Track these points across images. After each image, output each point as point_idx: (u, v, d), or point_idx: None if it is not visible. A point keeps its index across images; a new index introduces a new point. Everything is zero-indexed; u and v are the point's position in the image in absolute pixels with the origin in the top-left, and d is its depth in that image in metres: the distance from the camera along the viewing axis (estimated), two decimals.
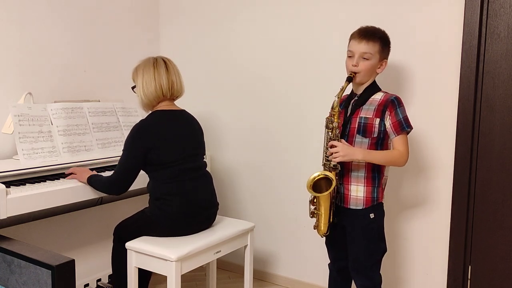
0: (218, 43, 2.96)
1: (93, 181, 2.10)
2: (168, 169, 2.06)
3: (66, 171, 2.16)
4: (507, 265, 2.18)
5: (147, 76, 2.11)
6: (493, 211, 2.19)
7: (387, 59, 1.94)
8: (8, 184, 1.91)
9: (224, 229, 2.19)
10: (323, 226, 1.94)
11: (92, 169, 2.25)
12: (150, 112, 2.17)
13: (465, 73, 2.16)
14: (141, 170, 2.10)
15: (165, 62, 2.15)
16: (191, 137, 2.19)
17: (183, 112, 2.23)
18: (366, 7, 2.39)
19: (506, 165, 2.14)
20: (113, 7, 2.87)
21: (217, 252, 2.13)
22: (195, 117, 2.29)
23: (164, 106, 2.15)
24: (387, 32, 1.93)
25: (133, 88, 2.20)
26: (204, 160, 2.26)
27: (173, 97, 2.18)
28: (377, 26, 1.94)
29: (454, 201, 2.25)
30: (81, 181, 2.11)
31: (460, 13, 2.16)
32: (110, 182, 2.08)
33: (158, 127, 2.08)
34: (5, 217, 1.81)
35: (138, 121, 2.11)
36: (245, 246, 2.31)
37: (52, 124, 2.26)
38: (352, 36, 1.92)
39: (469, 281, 2.28)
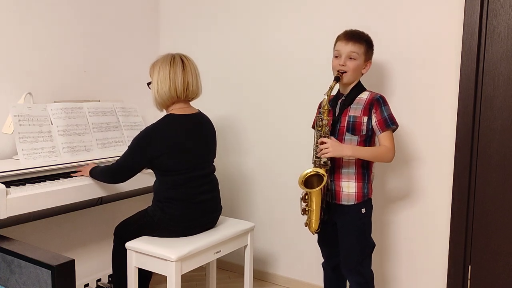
0: (219, 44, 2.96)
1: (93, 173, 2.14)
2: (175, 176, 2.04)
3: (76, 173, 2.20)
4: (507, 265, 2.18)
5: (162, 74, 2.03)
6: (493, 211, 2.19)
7: (371, 60, 2.02)
8: (8, 184, 1.90)
9: (224, 229, 2.19)
10: (315, 223, 1.98)
11: None
12: (164, 114, 2.09)
13: (465, 73, 2.16)
14: (149, 169, 2.11)
15: (182, 61, 2.05)
16: (203, 144, 2.13)
17: (198, 116, 2.14)
18: (366, 6, 2.39)
19: (506, 165, 2.14)
20: (113, 7, 2.87)
21: (217, 252, 2.13)
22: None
23: (178, 109, 2.08)
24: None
25: (148, 84, 2.14)
26: (214, 164, 2.23)
27: (188, 98, 2.09)
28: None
29: (454, 201, 2.24)
30: (86, 176, 2.15)
31: (460, 13, 2.16)
32: (108, 172, 2.10)
33: (168, 135, 2.01)
34: (5, 217, 1.81)
35: (150, 124, 2.04)
36: (245, 246, 2.31)
37: (52, 124, 2.26)
38: (339, 38, 2.00)
39: (469, 281, 2.28)
